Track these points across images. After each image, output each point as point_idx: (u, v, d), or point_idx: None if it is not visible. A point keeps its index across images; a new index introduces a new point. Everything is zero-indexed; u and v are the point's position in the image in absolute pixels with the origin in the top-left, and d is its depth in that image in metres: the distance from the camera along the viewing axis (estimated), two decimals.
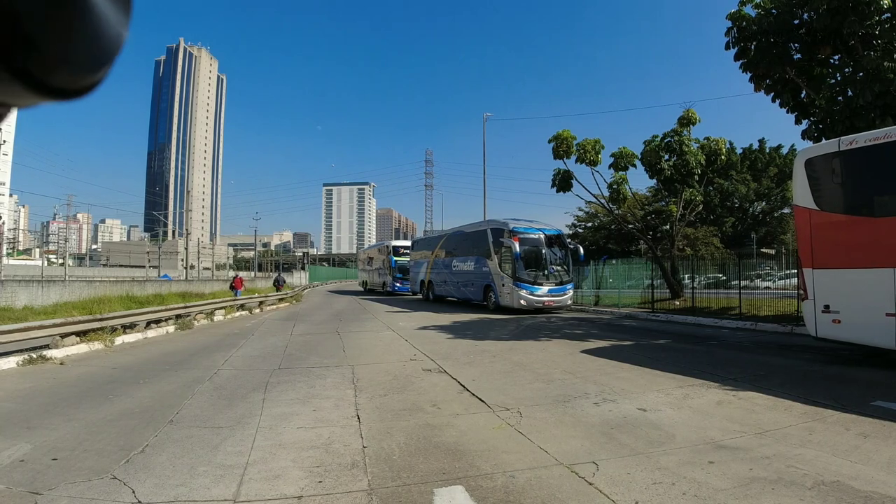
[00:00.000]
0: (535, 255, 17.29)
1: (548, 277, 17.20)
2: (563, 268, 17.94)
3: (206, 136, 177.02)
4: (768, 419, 4.78)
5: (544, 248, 17.51)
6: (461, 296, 21.26)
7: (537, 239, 17.48)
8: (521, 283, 16.59)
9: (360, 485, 3.40)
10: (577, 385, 6.31)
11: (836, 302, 7.35)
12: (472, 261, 20.06)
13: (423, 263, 25.64)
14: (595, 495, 3.20)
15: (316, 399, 5.77)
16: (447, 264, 22.47)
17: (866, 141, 7.19)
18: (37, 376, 7.25)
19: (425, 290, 25.05)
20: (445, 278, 22.62)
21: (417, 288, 26.51)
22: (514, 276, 16.71)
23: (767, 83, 12.66)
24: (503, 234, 17.43)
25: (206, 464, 3.80)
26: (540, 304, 16.84)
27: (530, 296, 16.60)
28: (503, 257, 17.39)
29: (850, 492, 3.16)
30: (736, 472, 3.51)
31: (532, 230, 17.87)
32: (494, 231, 18.29)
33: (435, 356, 8.51)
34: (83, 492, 3.34)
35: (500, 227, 18.06)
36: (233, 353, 9.24)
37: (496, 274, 17.79)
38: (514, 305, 16.73)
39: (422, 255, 26.38)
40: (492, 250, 18.21)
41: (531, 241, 17.24)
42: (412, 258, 28.11)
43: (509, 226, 17.67)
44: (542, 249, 17.46)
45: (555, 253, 17.92)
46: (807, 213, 7.87)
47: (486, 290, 18.60)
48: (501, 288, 17.35)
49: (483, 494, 3.22)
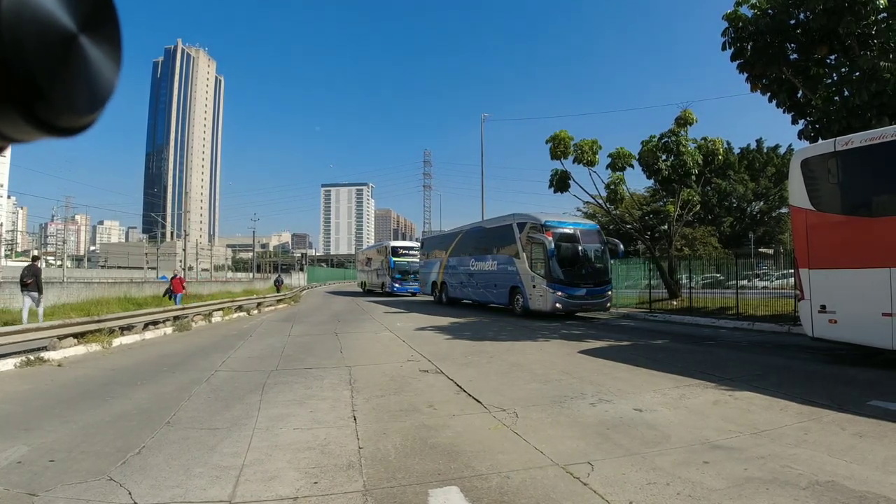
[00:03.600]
0: (572, 253, 15.49)
1: (585, 277, 15.51)
2: (602, 266, 16.20)
3: (205, 138, 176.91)
4: (764, 419, 4.80)
5: (581, 245, 15.77)
6: (481, 299, 19.56)
7: (573, 234, 15.76)
8: (557, 285, 14.76)
9: (356, 486, 3.40)
10: (574, 385, 6.32)
11: (833, 302, 7.37)
12: (494, 260, 18.18)
13: (435, 263, 23.78)
14: (589, 496, 3.21)
15: (313, 400, 5.77)
16: (464, 264, 20.60)
17: (862, 141, 7.22)
18: (34, 378, 7.24)
19: (437, 293, 23.26)
20: (462, 279, 20.80)
21: (428, 290, 24.75)
22: (548, 276, 14.88)
23: (764, 83, 12.70)
24: (533, 228, 15.69)
25: (203, 465, 3.80)
26: (577, 307, 15.31)
27: (567, 298, 14.84)
28: (534, 255, 15.63)
29: (845, 492, 3.17)
30: (731, 472, 3.52)
31: (566, 224, 16.32)
32: (522, 226, 16.38)
33: (432, 357, 8.51)
34: (80, 493, 3.34)
35: (529, 222, 16.17)
36: (230, 354, 9.24)
37: (525, 274, 15.90)
38: (547, 309, 14.95)
39: (433, 255, 24.62)
40: (519, 247, 16.34)
41: (567, 236, 15.50)
42: (422, 258, 26.67)
43: (541, 219, 15.85)
44: (580, 246, 15.70)
45: (593, 249, 16.19)
46: (803, 214, 7.90)
47: (512, 292, 16.76)
48: (532, 290, 15.49)
49: (478, 495, 3.23)
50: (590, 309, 15.84)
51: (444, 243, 23.53)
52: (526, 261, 15.92)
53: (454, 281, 21.53)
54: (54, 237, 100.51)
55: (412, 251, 31.67)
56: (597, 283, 15.69)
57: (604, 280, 16.05)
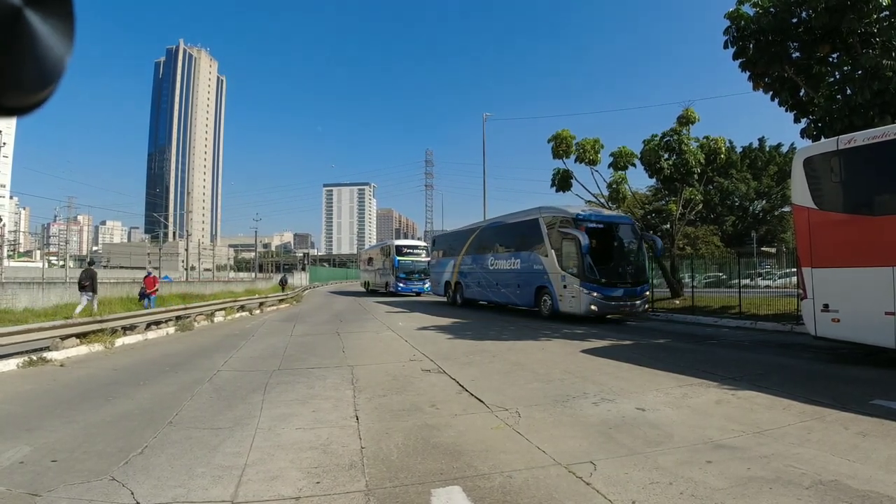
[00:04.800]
0: (608, 249, 14.31)
1: (622, 276, 14.25)
2: (639, 263, 15.01)
3: (207, 138, 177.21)
4: (767, 418, 4.78)
5: (617, 240, 14.63)
6: (501, 300, 18.20)
7: (609, 228, 14.58)
8: (591, 284, 13.46)
9: (358, 485, 3.40)
10: (576, 385, 6.31)
11: (835, 301, 7.35)
12: (517, 257, 16.84)
13: (449, 262, 22.42)
14: (592, 495, 3.20)
15: (315, 400, 5.77)
16: (482, 262, 19.31)
17: (865, 140, 7.19)
18: (37, 378, 7.26)
19: (451, 293, 21.96)
20: (479, 279, 19.40)
21: (441, 291, 23.40)
22: (581, 274, 13.57)
23: (766, 81, 12.66)
24: (564, 222, 14.42)
25: (205, 465, 3.81)
26: (613, 309, 13.94)
27: (603, 300, 13.51)
28: (564, 252, 14.30)
29: (848, 491, 3.16)
30: (734, 471, 3.51)
31: (600, 216, 15.26)
32: (550, 220, 15.13)
33: (434, 356, 8.51)
34: (82, 493, 3.34)
35: (558, 215, 14.94)
36: (233, 354, 9.25)
37: (554, 273, 14.55)
38: (580, 311, 13.63)
39: (446, 253, 23.19)
40: (547, 243, 15.00)
41: (601, 231, 14.27)
42: (433, 257, 25.53)
43: (573, 212, 14.70)
44: (615, 242, 14.56)
45: (629, 245, 14.99)
46: (805, 213, 7.87)
47: (538, 292, 15.43)
48: (562, 290, 14.17)
49: (480, 495, 3.23)
50: (626, 311, 14.40)
51: (458, 241, 22.14)
52: (555, 258, 14.59)
53: (470, 281, 20.35)
54: (57, 237, 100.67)
55: (417, 250, 31.39)
56: (634, 282, 14.37)
57: (641, 279, 14.76)
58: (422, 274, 29.97)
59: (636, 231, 15.43)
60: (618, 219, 15.54)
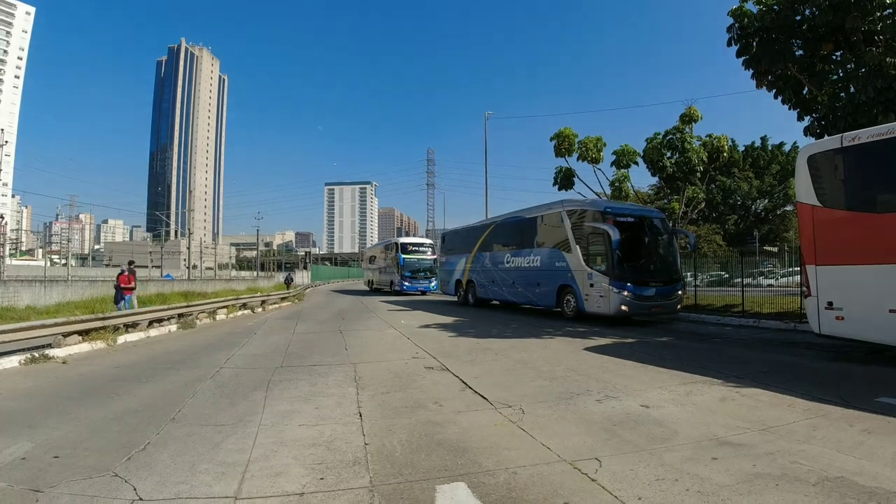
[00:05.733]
0: (639, 245, 13.27)
1: (655, 274, 13.21)
2: (672, 260, 13.91)
3: (208, 137, 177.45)
4: (772, 416, 4.76)
5: (648, 235, 13.62)
6: (519, 299, 17.15)
7: (640, 222, 13.61)
8: (622, 283, 12.36)
9: (362, 482, 3.39)
10: (580, 382, 6.29)
11: (840, 299, 7.30)
12: (536, 254, 15.81)
13: (460, 260, 21.29)
14: (598, 491, 3.19)
15: (318, 397, 5.76)
16: (497, 260, 18.20)
17: (869, 137, 7.14)
18: (39, 375, 7.26)
19: (463, 293, 20.91)
20: (494, 277, 18.32)
21: (451, 290, 22.31)
22: (610, 272, 12.53)
23: (769, 79, 12.60)
24: (590, 216, 13.43)
25: (208, 461, 3.80)
26: (646, 309, 12.84)
27: (634, 299, 12.40)
28: (591, 247, 13.34)
29: (855, 488, 3.14)
30: (739, 468, 3.49)
31: (631, 209, 14.44)
32: (575, 213, 14.07)
33: (437, 354, 8.50)
34: (84, 489, 3.33)
35: (584, 209, 13.97)
36: (235, 351, 9.25)
37: (579, 270, 13.53)
38: (610, 312, 12.53)
39: (457, 250, 22.06)
40: (571, 239, 13.94)
41: (632, 225, 13.30)
42: (442, 254, 24.34)
43: (601, 205, 13.87)
44: (646, 237, 13.55)
45: (661, 241, 13.95)
46: (810, 210, 7.82)
47: (561, 291, 14.34)
48: (589, 288, 13.11)
49: (485, 491, 3.21)
50: (659, 312, 13.28)
51: (470, 237, 20.91)
52: (580, 255, 13.55)
53: (484, 279, 19.21)
54: (59, 236, 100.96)
55: (422, 248, 30.75)
56: (667, 280, 13.25)
57: (674, 277, 13.67)
58: (427, 272, 29.53)
59: (667, 225, 14.53)
60: (648, 212, 14.67)
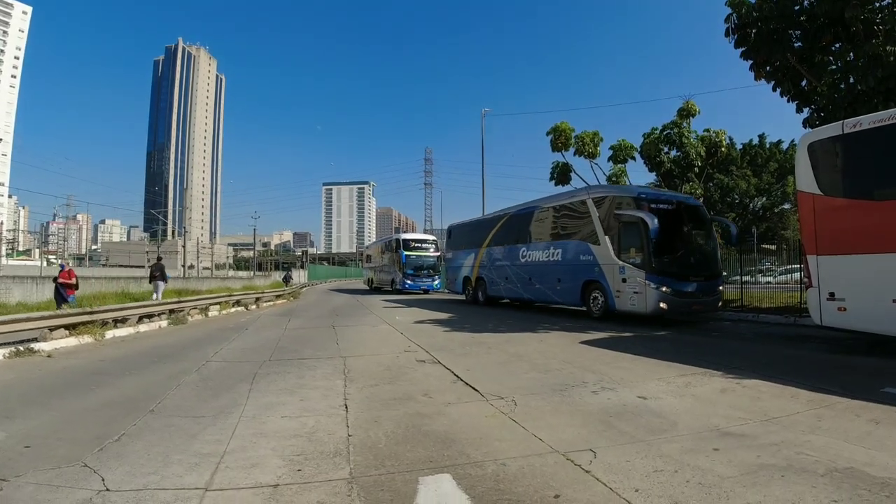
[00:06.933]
0: (676, 235, 11.74)
1: (695, 268, 11.81)
2: (712, 252, 12.56)
3: (206, 136, 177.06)
4: (774, 406, 4.58)
5: (686, 224, 12.15)
6: (537, 297, 15.69)
7: (676, 210, 12.10)
8: (660, 277, 11.04)
9: (342, 473, 3.20)
10: (575, 374, 6.11)
11: (842, 289, 7.13)
12: (557, 247, 14.29)
13: (468, 255, 19.79)
14: (592, 483, 3.00)
15: (304, 389, 5.57)
16: (511, 254, 16.70)
17: (871, 123, 6.97)
18: (22, 368, 7.07)
19: (471, 291, 19.50)
20: (507, 274, 16.87)
21: (458, 288, 20.87)
22: (646, 265, 11.17)
23: (767, 70, 12.44)
24: (622, 203, 12.10)
25: (182, 452, 3.61)
26: (686, 306, 11.54)
27: (674, 296, 11.05)
28: (623, 238, 11.92)
29: (866, 478, 2.96)
30: (743, 459, 3.30)
31: (667, 195, 13.07)
32: (603, 201, 12.70)
33: (430, 348, 8.31)
34: (51, 479, 3.16)
35: (614, 195, 12.61)
36: (224, 346, 9.05)
37: (608, 264, 12.17)
38: (646, 310, 11.18)
39: (464, 245, 20.56)
40: (599, 229, 12.58)
41: (668, 213, 11.73)
42: (448, 250, 22.88)
43: (633, 191, 12.66)
44: (684, 226, 12.07)
45: (700, 231, 12.54)
46: (810, 199, 7.65)
47: (586, 288, 12.95)
48: (620, 284, 11.74)
49: (471, 483, 3.02)
50: (700, 311, 12.14)
51: (480, 231, 19.37)
52: (609, 246, 12.20)
53: (495, 276, 17.75)
54: (56, 236, 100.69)
55: (425, 244, 29.37)
56: (708, 275, 11.96)
57: (716, 272, 12.41)
58: (431, 270, 28.30)
59: (706, 213, 13.18)
60: (685, 198, 13.36)
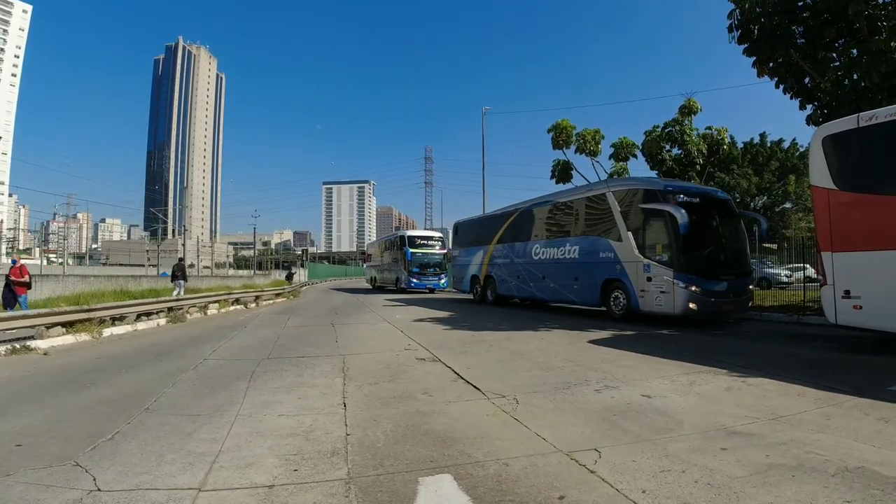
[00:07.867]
0: (705, 231, 11.07)
1: (726, 265, 11.11)
2: (742, 249, 11.80)
3: (206, 135, 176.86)
4: (781, 405, 4.49)
5: (716, 220, 11.35)
6: (552, 297, 14.83)
7: (704, 204, 11.27)
8: (688, 276, 10.32)
9: (339, 473, 3.11)
10: (578, 372, 6.02)
11: (858, 287, 6.94)
12: (575, 244, 13.57)
13: (477, 253, 19.00)
14: (597, 484, 2.91)
15: (302, 387, 5.48)
16: (523, 252, 15.90)
17: (888, 115, 6.79)
18: (17, 366, 6.99)
19: (480, 290, 18.76)
20: (519, 272, 16.06)
21: (466, 286, 20.10)
22: (674, 262, 10.51)
23: (771, 66, 12.32)
24: (646, 196, 11.30)
25: (177, 451, 3.53)
26: (716, 307, 10.78)
27: (703, 294, 10.34)
28: (648, 234, 11.21)
29: (878, 478, 2.87)
30: (751, 458, 3.22)
31: (695, 188, 12.30)
32: (625, 194, 11.95)
33: (430, 346, 8.22)
34: (42, 478, 3.09)
35: (638, 188, 11.76)
36: (222, 344, 8.97)
37: (630, 261, 11.47)
38: (674, 311, 10.49)
39: (472, 242, 19.74)
40: (621, 224, 11.82)
41: (696, 207, 10.85)
42: (455, 248, 22.14)
43: (659, 184, 11.83)
44: (713, 221, 11.30)
45: (730, 226, 11.71)
46: (825, 194, 7.46)
47: (606, 287, 12.26)
48: (645, 283, 11.06)
49: (473, 483, 2.94)
50: (730, 311, 11.41)
51: (489, 227, 18.57)
52: (632, 242, 11.47)
53: (506, 274, 16.98)
54: (56, 235, 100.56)
55: (431, 241, 28.27)
56: (738, 273, 11.27)
57: (746, 270, 11.74)
58: (437, 268, 27.25)
59: (734, 207, 12.43)
60: (713, 191, 12.62)
